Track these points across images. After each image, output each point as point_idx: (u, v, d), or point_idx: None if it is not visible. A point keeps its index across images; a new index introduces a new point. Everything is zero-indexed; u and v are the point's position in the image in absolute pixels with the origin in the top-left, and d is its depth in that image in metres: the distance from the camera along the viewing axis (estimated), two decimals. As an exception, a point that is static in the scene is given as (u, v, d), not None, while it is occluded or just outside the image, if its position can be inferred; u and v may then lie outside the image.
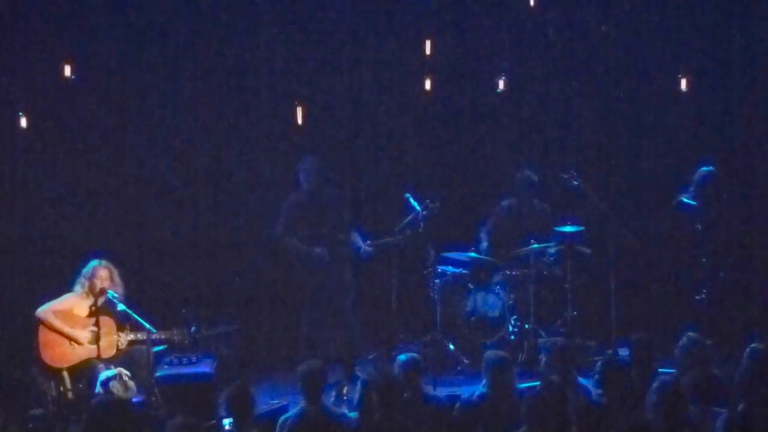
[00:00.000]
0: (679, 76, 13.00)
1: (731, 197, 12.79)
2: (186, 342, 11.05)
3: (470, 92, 13.66)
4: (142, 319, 10.68)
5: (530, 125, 13.70)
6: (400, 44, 13.42)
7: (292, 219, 12.37)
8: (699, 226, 12.43)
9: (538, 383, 9.53)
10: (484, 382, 9.41)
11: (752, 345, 9.23)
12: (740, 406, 8.41)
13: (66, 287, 11.20)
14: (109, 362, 10.76)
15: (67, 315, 10.95)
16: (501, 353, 9.58)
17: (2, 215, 12.83)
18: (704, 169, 12.58)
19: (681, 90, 13.04)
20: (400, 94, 13.57)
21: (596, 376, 9.03)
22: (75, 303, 11.03)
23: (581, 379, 9.56)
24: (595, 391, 9.10)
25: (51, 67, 12.59)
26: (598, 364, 9.03)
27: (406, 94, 13.53)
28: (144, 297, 11.71)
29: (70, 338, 10.86)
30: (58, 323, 10.87)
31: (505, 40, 13.53)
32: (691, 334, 9.58)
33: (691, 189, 12.57)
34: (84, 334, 10.88)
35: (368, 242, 12.41)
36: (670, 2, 13.47)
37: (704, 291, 12.42)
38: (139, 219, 13.16)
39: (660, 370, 9.60)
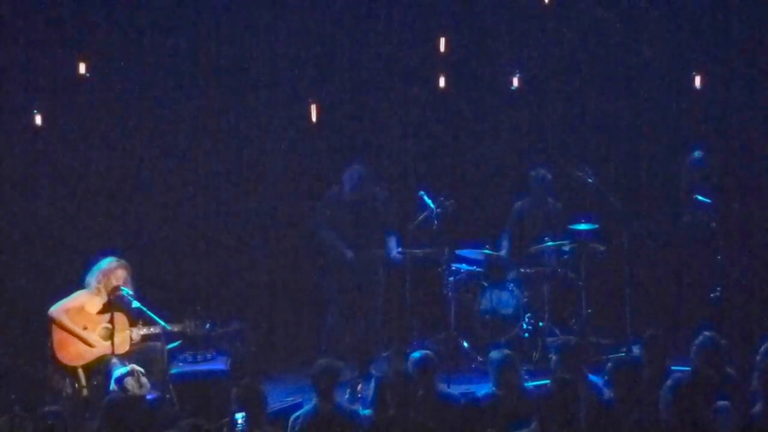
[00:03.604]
0: (693, 73, 12.97)
1: (728, 184, 12.78)
2: (199, 334, 11.04)
3: (484, 90, 13.65)
4: (156, 316, 10.70)
5: (544, 122, 13.69)
6: (414, 42, 13.42)
7: (328, 215, 12.40)
8: (714, 224, 12.40)
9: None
10: (491, 381, 9.40)
11: (766, 344, 9.19)
12: (758, 405, 8.37)
13: (81, 284, 11.22)
14: (124, 358, 10.76)
15: (78, 312, 10.92)
16: (505, 351, 9.55)
17: (18, 212, 12.87)
18: (695, 153, 12.57)
19: (695, 87, 13.02)
20: (414, 92, 13.55)
21: (606, 377, 9.00)
22: (87, 300, 11.00)
23: (592, 377, 9.55)
24: (606, 391, 9.07)
25: (66, 65, 12.61)
26: (608, 364, 8.99)
27: (420, 91, 13.52)
28: (158, 294, 11.72)
29: (82, 340, 10.86)
30: (70, 324, 10.82)
31: (519, 38, 13.52)
32: (707, 332, 9.55)
33: (684, 175, 12.57)
34: (94, 336, 10.87)
35: (399, 249, 12.40)
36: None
37: (719, 288, 12.39)
38: (154, 216, 13.18)
39: (673, 368, 9.57)
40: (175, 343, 11.14)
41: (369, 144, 13.54)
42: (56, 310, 10.92)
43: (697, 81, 12.92)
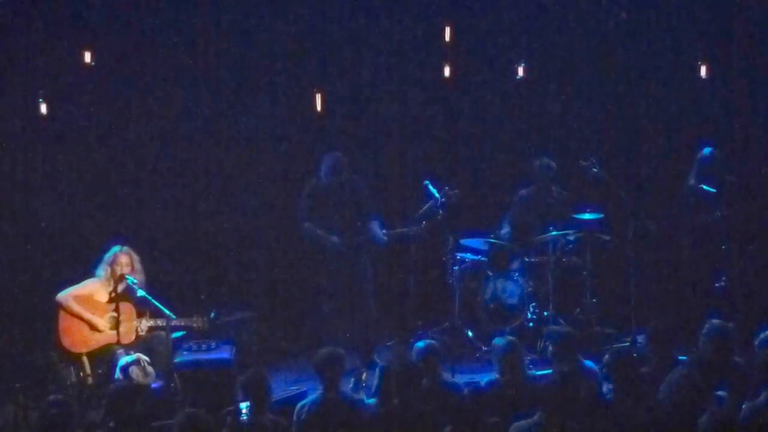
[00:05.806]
0: (699, 62, 12.95)
1: (738, 179, 12.72)
2: (205, 329, 11.07)
3: (489, 79, 13.65)
4: (161, 305, 10.71)
5: (549, 112, 13.68)
6: (419, 31, 13.40)
7: (309, 206, 12.33)
8: (718, 213, 12.38)
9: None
10: (495, 368, 9.41)
11: (764, 333, 9.19)
12: (763, 395, 8.35)
13: (86, 273, 11.25)
14: (129, 348, 10.80)
15: (87, 300, 11.00)
16: (509, 337, 9.56)
17: (23, 201, 12.87)
18: (705, 150, 12.54)
19: (701, 77, 13.00)
20: (419, 81, 13.55)
21: (605, 369, 8.96)
22: (95, 288, 11.07)
23: (588, 362, 9.54)
24: (605, 384, 9.05)
25: (71, 54, 12.62)
26: (606, 356, 8.95)
27: (426, 80, 13.53)
28: (163, 283, 11.75)
29: (89, 324, 10.92)
30: (77, 308, 10.93)
31: (525, 27, 13.51)
32: (714, 321, 9.52)
33: (694, 171, 12.53)
34: (103, 321, 10.93)
35: (384, 231, 12.34)
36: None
37: (724, 278, 12.39)
38: (159, 205, 13.18)
39: (680, 357, 9.56)
40: (180, 333, 11.14)
41: (374, 133, 13.53)
42: (64, 295, 11.00)
43: (703, 70, 12.90)
